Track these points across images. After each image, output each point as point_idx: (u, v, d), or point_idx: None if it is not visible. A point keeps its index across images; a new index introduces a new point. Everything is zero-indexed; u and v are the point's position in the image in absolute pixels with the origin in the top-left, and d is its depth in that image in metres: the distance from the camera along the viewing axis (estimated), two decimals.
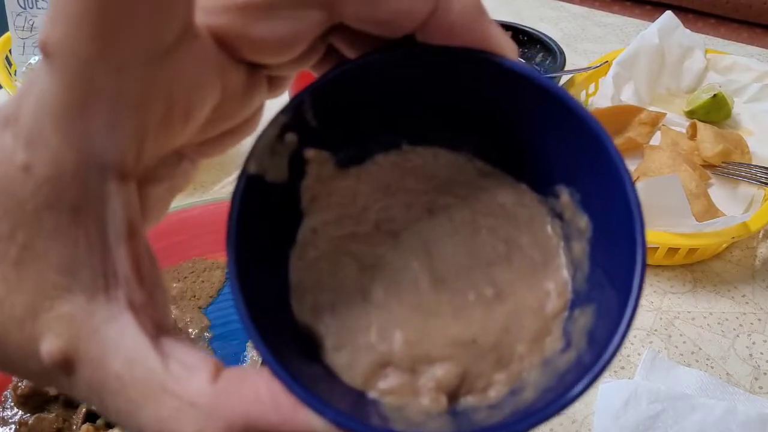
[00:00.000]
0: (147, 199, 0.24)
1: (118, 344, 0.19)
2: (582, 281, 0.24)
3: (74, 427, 0.48)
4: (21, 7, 0.80)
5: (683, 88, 0.87)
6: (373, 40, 0.23)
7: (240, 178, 0.23)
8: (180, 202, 0.67)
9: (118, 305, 0.20)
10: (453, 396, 0.23)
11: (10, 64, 0.84)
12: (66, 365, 0.19)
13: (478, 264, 0.25)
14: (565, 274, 0.25)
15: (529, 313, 0.24)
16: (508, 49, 0.23)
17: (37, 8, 0.81)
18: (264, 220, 0.24)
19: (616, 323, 0.21)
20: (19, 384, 0.49)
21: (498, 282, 0.25)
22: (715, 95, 0.80)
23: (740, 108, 0.83)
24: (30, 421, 0.48)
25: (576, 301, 0.24)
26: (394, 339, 0.24)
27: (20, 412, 0.49)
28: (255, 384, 0.20)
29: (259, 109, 0.25)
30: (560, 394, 0.20)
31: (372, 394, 0.23)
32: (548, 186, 0.26)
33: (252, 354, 0.53)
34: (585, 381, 0.20)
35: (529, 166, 0.26)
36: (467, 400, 0.24)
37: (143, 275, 0.20)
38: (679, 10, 0.89)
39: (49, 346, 0.19)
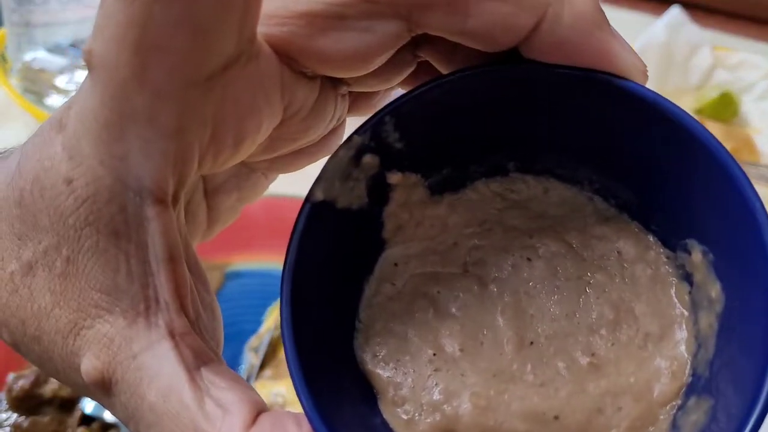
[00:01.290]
0: (216, 209, 0.24)
1: (154, 373, 0.19)
2: (704, 364, 0.20)
3: (69, 430, 0.47)
4: (16, 2, 0.79)
5: (691, 85, 0.86)
6: (472, 54, 0.20)
7: (304, 204, 0.21)
8: None
9: (158, 332, 0.19)
10: None
11: (5, 60, 0.83)
12: (103, 386, 0.19)
13: (578, 330, 0.21)
14: (684, 352, 0.21)
15: (631, 394, 0.20)
16: (635, 70, 0.20)
17: (34, 4, 0.80)
18: (333, 250, 0.22)
19: None
20: (13, 386, 0.48)
21: (597, 353, 0.21)
22: (723, 93, 0.79)
23: (748, 106, 0.82)
24: (25, 425, 0.47)
25: (693, 388, 0.20)
26: (463, 403, 0.20)
27: (15, 415, 0.49)
28: None
29: (340, 127, 0.23)
30: None
31: None
32: (678, 239, 0.21)
33: (249, 358, 0.53)
34: None
35: (658, 212, 0.22)
36: None
37: (185, 301, 0.20)
38: (687, 6, 0.88)
39: (87, 366, 0.19)
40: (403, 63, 0.22)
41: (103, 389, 0.19)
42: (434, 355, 0.21)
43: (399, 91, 0.23)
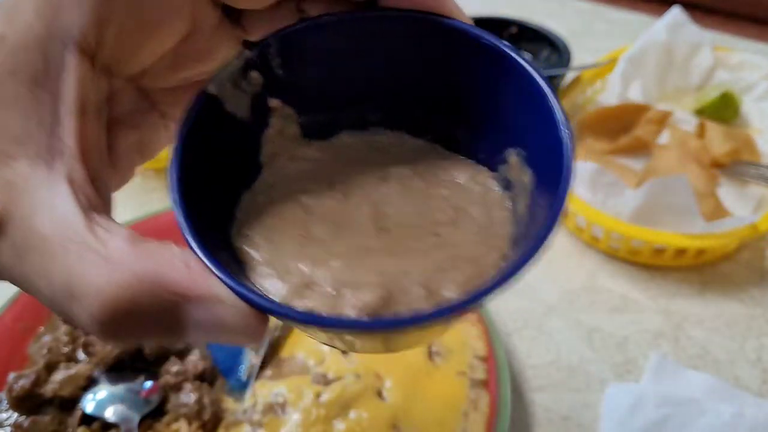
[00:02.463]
0: (116, 148, 0.25)
1: (48, 206, 0.20)
2: (522, 230, 0.25)
3: (69, 429, 0.47)
4: None
5: (691, 85, 0.86)
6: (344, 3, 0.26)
7: (198, 93, 0.24)
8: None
9: (57, 176, 0.21)
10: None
11: None
12: None
13: (425, 222, 0.26)
14: (506, 236, 0.26)
15: (467, 260, 0.25)
16: (461, 15, 0.25)
17: None
18: (218, 146, 0.25)
19: (539, 238, 0.21)
20: (14, 386, 0.48)
21: (441, 234, 0.26)
22: (723, 93, 0.79)
23: (749, 106, 0.82)
24: (25, 424, 0.47)
25: (514, 247, 0.25)
26: (325, 266, 0.24)
27: (15, 415, 0.49)
28: (171, 251, 0.21)
29: None
30: (474, 293, 0.21)
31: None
32: (500, 153, 0.27)
33: (250, 357, 0.53)
34: (498, 280, 0.20)
35: (484, 140, 0.28)
36: None
37: (88, 156, 0.21)
38: (687, 6, 0.88)
39: None
40: (288, 13, 0.26)
41: None
42: (302, 236, 0.25)
43: None
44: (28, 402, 0.49)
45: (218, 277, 0.20)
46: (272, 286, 0.24)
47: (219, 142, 0.25)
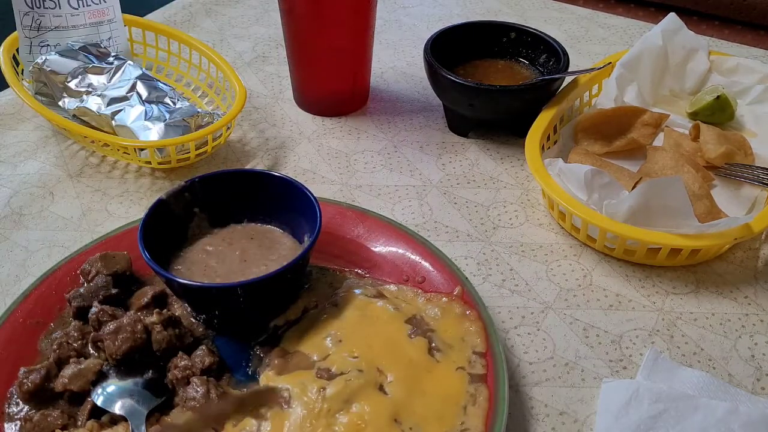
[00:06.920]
0: None
1: None
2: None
3: (79, 423, 0.48)
4: (28, 6, 0.80)
5: (686, 89, 0.87)
6: None
7: (157, 198, 0.58)
8: None
9: None
10: None
11: (17, 63, 0.84)
12: None
13: (263, 258, 0.58)
14: (296, 253, 0.59)
15: (277, 262, 0.58)
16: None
17: (44, 8, 0.81)
18: (164, 225, 0.58)
19: (306, 247, 0.56)
20: (24, 380, 0.49)
21: (268, 266, 0.57)
22: (718, 97, 0.80)
23: (744, 110, 0.83)
24: (35, 418, 0.48)
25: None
26: (213, 276, 0.57)
27: (26, 408, 0.50)
28: None
29: None
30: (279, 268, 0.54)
31: None
32: (302, 235, 0.60)
33: (258, 350, 0.54)
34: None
35: (293, 226, 0.61)
36: None
37: None
38: (683, 12, 0.89)
39: None
40: None
41: None
42: (204, 266, 0.58)
43: None
44: (38, 396, 0.50)
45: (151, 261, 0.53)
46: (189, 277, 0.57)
47: (164, 223, 0.57)
